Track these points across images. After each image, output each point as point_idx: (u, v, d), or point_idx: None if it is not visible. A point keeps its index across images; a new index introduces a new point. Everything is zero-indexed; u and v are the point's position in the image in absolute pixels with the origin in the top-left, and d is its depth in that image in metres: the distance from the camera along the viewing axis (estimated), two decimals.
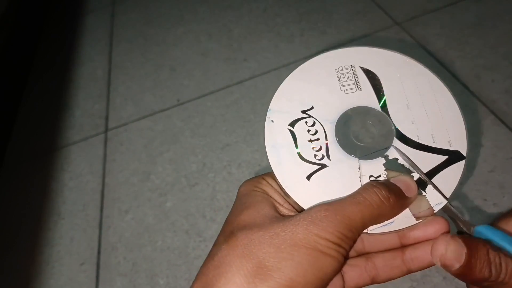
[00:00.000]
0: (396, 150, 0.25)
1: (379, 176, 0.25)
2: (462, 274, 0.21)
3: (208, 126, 0.82)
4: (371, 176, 0.24)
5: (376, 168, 0.25)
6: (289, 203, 0.25)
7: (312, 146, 0.25)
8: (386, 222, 0.23)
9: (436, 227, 0.24)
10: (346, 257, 0.22)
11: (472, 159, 0.64)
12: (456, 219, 0.24)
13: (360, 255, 0.26)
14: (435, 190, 0.24)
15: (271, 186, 0.25)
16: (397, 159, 0.25)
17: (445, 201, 0.24)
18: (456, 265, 0.21)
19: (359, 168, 0.25)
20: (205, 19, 1.09)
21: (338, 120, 0.26)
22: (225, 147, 0.78)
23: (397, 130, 0.26)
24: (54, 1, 1.37)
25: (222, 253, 0.22)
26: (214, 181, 0.73)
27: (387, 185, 0.23)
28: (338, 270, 0.22)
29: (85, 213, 0.75)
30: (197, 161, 0.77)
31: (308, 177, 0.25)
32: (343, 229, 0.21)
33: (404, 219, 0.24)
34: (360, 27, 0.91)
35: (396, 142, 0.25)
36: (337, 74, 0.27)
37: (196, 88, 0.91)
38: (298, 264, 0.20)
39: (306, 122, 0.26)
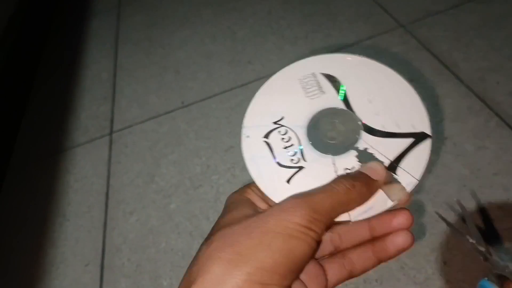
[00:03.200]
0: (363, 141, 0.27)
1: (353, 167, 0.26)
2: None
3: (212, 128, 0.83)
4: (346, 169, 0.26)
5: (349, 161, 0.27)
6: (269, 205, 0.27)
7: (288, 152, 0.27)
8: (365, 208, 0.25)
9: (399, 220, 0.26)
10: (318, 241, 0.23)
11: (476, 162, 0.64)
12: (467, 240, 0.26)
13: (338, 252, 0.28)
14: (405, 171, 0.26)
15: (255, 193, 0.27)
16: (366, 149, 0.27)
17: (416, 181, 0.26)
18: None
19: (334, 164, 0.27)
20: (209, 22, 1.09)
21: (308, 124, 0.28)
22: (229, 149, 0.78)
23: (363, 124, 0.28)
24: (61, 4, 1.39)
25: (201, 251, 0.24)
26: (218, 183, 0.73)
27: (353, 174, 0.26)
28: (310, 253, 0.23)
29: (90, 215, 0.76)
30: (201, 163, 0.77)
31: (288, 181, 0.27)
32: (312, 213, 0.23)
33: (381, 204, 0.25)
34: (364, 30, 0.91)
35: (363, 134, 0.27)
36: (301, 83, 0.29)
37: (200, 90, 0.92)
38: (268, 247, 0.22)
39: (279, 131, 0.28)
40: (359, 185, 0.25)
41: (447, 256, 0.55)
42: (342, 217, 0.25)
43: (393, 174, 0.26)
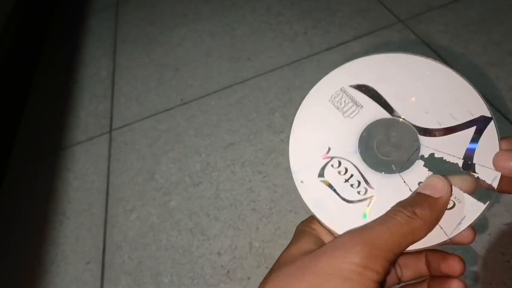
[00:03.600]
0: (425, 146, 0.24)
1: None
2: None
3: (211, 125, 0.82)
4: (419, 183, 0.24)
5: (420, 174, 0.24)
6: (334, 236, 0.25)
7: (351, 184, 0.25)
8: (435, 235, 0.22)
9: (450, 267, 0.24)
10: (379, 282, 0.21)
11: None
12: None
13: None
14: (484, 166, 0.23)
15: (321, 224, 0.25)
16: (432, 154, 0.24)
17: (499, 174, 0.23)
18: None
19: (404, 182, 0.24)
20: (208, 19, 1.09)
21: (359, 147, 0.25)
22: (229, 146, 0.78)
23: (416, 127, 0.25)
24: (59, 2, 1.38)
25: None
26: (218, 180, 0.73)
27: (411, 199, 0.23)
28: None
29: (90, 213, 0.76)
30: (201, 160, 0.77)
31: (364, 215, 0.24)
32: (370, 249, 0.20)
33: (435, 236, 0.23)
34: (363, 25, 0.91)
35: (422, 139, 0.24)
36: (333, 104, 0.26)
37: (199, 88, 0.92)
38: None
39: (332, 165, 0.25)
40: (420, 210, 0.22)
41: None
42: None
43: (474, 174, 0.23)
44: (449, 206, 0.23)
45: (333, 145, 0.25)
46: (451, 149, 0.24)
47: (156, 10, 1.19)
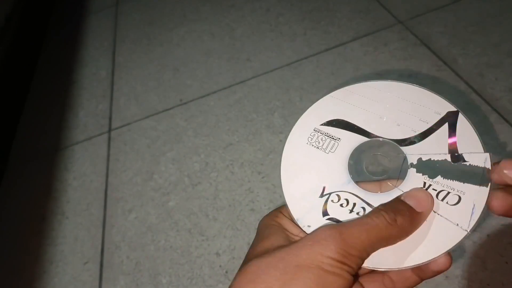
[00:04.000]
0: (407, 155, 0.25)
1: (425, 182, 0.24)
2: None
3: (211, 126, 0.82)
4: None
5: (415, 181, 0.25)
6: (304, 232, 0.25)
7: (357, 212, 0.25)
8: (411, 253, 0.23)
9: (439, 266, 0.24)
10: (355, 275, 0.22)
11: None
12: None
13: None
14: (471, 153, 0.24)
15: (286, 217, 0.26)
16: (420, 158, 0.25)
17: (488, 155, 0.24)
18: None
19: (402, 192, 0.25)
20: (208, 19, 1.09)
21: (350, 175, 0.26)
22: (228, 146, 0.78)
23: (395, 140, 0.26)
24: (58, 2, 1.38)
25: (235, 282, 0.23)
26: (217, 181, 0.73)
27: (394, 206, 0.23)
28: (347, 287, 0.21)
29: (88, 213, 0.75)
30: (200, 161, 0.77)
31: None
32: (347, 248, 0.21)
33: (430, 249, 0.23)
34: (363, 26, 0.91)
35: (405, 149, 0.26)
36: (312, 145, 0.27)
37: (199, 88, 0.91)
38: (303, 284, 0.21)
39: (332, 201, 0.26)
40: (401, 219, 0.22)
41: None
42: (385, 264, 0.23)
43: (466, 163, 0.24)
44: (454, 201, 0.23)
45: (326, 182, 0.26)
46: (434, 149, 0.25)
47: (155, 10, 1.19)
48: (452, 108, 0.25)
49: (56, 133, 0.93)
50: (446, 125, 0.25)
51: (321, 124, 0.27)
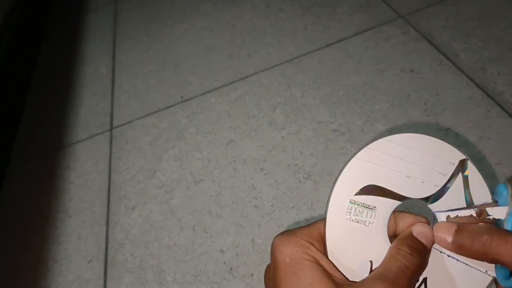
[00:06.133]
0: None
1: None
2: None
3: (212, 123, 0.82)
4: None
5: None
6: (339, 271, 0.25)
7: None
8: None
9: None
10: None
11: (478, 152, 0.64)
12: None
13: None
14: (484, 203, 0.25)
15: (320, 251, 0.25)
16: (448, 216, 0.26)
17: (495, 203, 0.25)
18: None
19: (441, 251, 0.25)
20: (208, 15, 1.09)
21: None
22: (230, 143, 0.78)
23: (423, 199, 0.26)
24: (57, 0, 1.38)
25: None
26: (220, 178, 0.73)
27: (408, 241, 0.24)
28: None
29: (91, 211, 0.76)
30: (202, 158, 0.77)
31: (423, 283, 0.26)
32: None
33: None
34: (363, 21, 0.91)
35: (432, 206, 0.26)
36: (352, 220, 0.26)
37: (200, 85, 0.91)
38: None
39: None
40: (420, 257, 0.24)
41: None
42: None
43: (489, 217, 0.25)
44: None
45: (373, 256, 0.26)
46: (457, 203, 0.26)
47: (155, 7, 1.18)
48: (462, 156, 0.26)
49: (58, 131, 0.92)
50: (460, 176, 0.26)
51: (355, 194, 0.27)
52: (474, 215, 0.25)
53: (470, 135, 0.66)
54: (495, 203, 0.25)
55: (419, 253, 0.24)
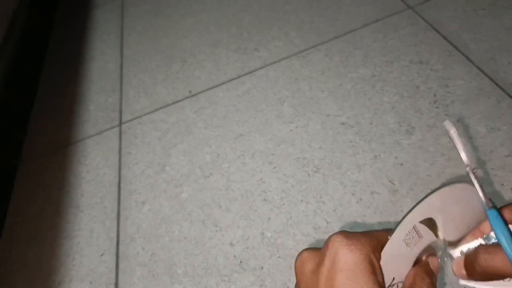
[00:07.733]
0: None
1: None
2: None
3: (220, 117, 0.83)
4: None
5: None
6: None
7: None
8: None
9: None
10: None
11: (489, 143, 0.63)
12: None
13: None
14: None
15: (379, 262, 0.25)
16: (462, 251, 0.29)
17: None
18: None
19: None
20: (214, 9, 1.08)
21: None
22: (238, 137, 0.78)
23: (450, 242, 0.29)
24: None
25: None
26: (229, 171, 0.73)
27: (426, 272, 0.26)
28: None
29: (103, 205, 0.76)
30: (211, 152, 0.77)
31: None
32: None
33: None
34: (371, 12, 0.90)
35: (452, 250, 0.29)
36: (404, 240, 0.28)
37: (207, 79, 0.91)
38: None
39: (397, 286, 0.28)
40: (430, 281, 0.26)
41: None
42: None
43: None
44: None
45: (397, 274, 0.27)
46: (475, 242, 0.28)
47: (161, 1, 1.18)
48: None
49: (67, 127, 0.93)
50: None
51: (420, 222, 0.28)
52: (483, 242, 0.27)
53: (480, 126, 0.65)
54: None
55: (431, 280, 0.26)
